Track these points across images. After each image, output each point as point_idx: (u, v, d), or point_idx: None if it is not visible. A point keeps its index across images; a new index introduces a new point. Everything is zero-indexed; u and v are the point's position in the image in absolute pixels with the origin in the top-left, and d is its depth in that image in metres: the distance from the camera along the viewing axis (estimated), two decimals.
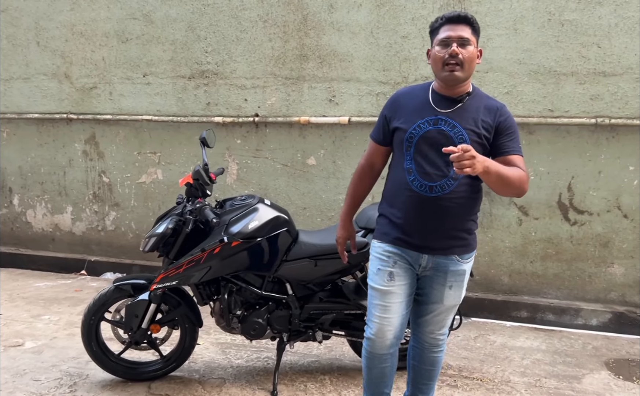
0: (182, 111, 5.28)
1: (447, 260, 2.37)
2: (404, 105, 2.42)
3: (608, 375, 3.50)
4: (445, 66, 2.26)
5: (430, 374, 2.62)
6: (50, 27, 5.54)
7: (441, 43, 2.28)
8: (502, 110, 2.34)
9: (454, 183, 2.27)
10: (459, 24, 2.27)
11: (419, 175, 2.30)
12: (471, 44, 2.26)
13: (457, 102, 2.32)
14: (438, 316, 2.48)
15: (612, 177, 4.30)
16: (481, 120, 2.29)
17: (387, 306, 2.41)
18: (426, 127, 2.30)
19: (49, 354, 3.69)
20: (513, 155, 2.28)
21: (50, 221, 5.87)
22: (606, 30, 4.19)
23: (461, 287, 2.43)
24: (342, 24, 4.75)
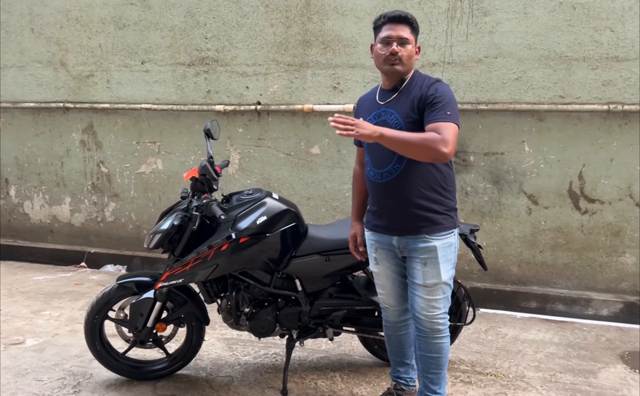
0: (181, 99, 5.15)
1: (417, 239, 2.49)
2: (361, 107, 2.71)
3: (624, 368, 3.43)
4: (386, 61, 2.46)
5: (437, 362, 2.61)
6: (44, 13, 5.39)
7: (383, 41, 2.47)
8: (433, 85, 2.42)
9: (401, 166, 2.44)
10: (399, 24, 2.45)
11: (373, 165, 2.56)
12: (410, 43, 2.46)
13: (395, 91, 2.52)
14: (424, 297, 2.52)
15: (624, 165, 4.21)
16: (415, 100, 2.42)
17: (382, 285, 2.75)
18: (372, 122, 2.49)
19: (50, 352, 3.60)
20: (434, 123, 2.33)
21: (48, 212, 5.76)
22: (619, 14, 4.07)
23: (437, 264, 2.48)
24: (346, 8, 4.62)
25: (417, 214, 2.47)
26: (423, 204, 2.47)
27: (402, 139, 2.29)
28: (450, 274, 2.54)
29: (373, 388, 3.16)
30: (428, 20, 4.43)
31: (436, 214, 2.48)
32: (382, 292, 2.77)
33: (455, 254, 2.58)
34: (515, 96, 4.34)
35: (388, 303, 2.76)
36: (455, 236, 2.57)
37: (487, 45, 4.35)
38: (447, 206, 2.52)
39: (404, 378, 2.91)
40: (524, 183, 4.42)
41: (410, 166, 2.43)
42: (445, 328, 2.58)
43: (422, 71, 4.45)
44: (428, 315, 2.53)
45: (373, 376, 3.29)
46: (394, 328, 2.82)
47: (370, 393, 3.11)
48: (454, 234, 2.56)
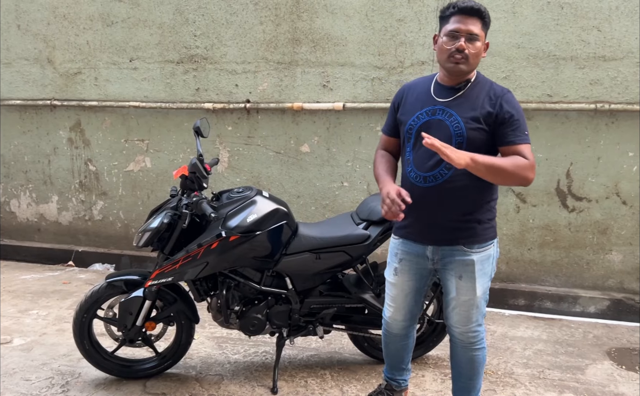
0: (170, 97, 5.12)
1: (453, 250, 2.34)
2: (408, 97, 2.44)
3: (611, 364, 3.47)
4: (450, 58, 2.23)
5: (468, 373, 2.52)
6: (31, 9, 5.33)
7: (449, 34, 2.23)
8: (504, 97, 2.25)
9: (448, 172, 2.25)
10: (470, 17, 2.21)
11: (415, 166, 2.33)
12: (479, 40, 2.23)
13: (457, 91, 2.30)
14: (458, 309, 2.40)
15: (611, 164, 4.25)
16: (480, 107, 2.23)
17: (394, 297, 2.58)
18: (424, 118, 2.31)
19: (38, 351, 3.57)
20: (516, 145, 2.20)
21: (35, 210, 5.71)
22: (606, 14, 4.11)
23: (473, 279, 2.33)
24: (335, 6, 4.61)
25: (458, 224, 2.31)
26: (466, 214, 2.30)
27: (497, 166, 2.12)
28: (485, 288, 2.39)
29: (363, 386, 3.17)
30: (417, 18, 4.44)
31: (478, 225, 2.32)
32: (391, 305, 2.60)
33: (494, 265, 2.43)
34: None
35: (394, 317, 2.62)
36: (495, 246, 2.41)
37: None
38: (491, 215, 2.37)
39: (397, 379, 2.85)
40: None
41: (459, 172, 2.21)
42: (479, 340, 2.47)
43: (410, 69, 4.53)
44: (461, 329, 2.43)
45: (363, 374, 3.30)
46: (394, 339, 2.71)
47: (361, 391, 3.12)
48: (494, 244, 2.41)
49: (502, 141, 2.23)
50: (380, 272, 3.21)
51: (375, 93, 4.61)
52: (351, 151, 4.74)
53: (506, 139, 2.21)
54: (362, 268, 3.21)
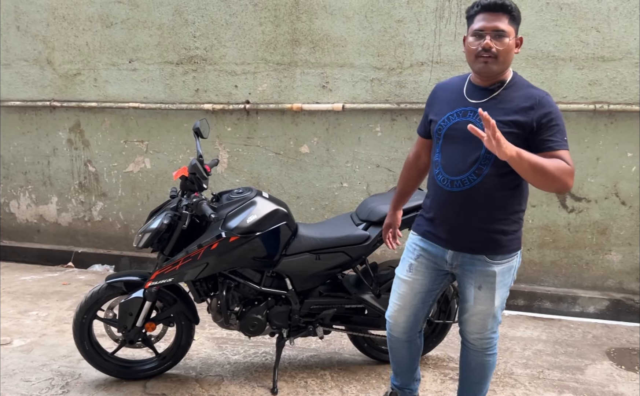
0: (170, 98, 5.12)
1: (474, 259, 2.25)
2: (440, 97, 2.36)
3: (610, 365, 3.47)
4: (478, 59, 2.13)
5: (478, 377, 2.49)
6: (30, 10, 5.33)
7: (475, 34, 2.14)
8: (542, 101, 2.11)
9: (477, 178, 2.14)
10: (495, 13, 2.10)
11: (443, 169, 2.23)
12: (507, 36, 2.10)
13: (491, 92, 2.18)
14: (475, 318, 2.34)
15: (610, 164, 4.26)
16: (514, 111, 2.10)
17: (402, 295, 2.47)
18: (455, 119, 2.21)
19: (38, 352, 3.57)
20: (555, 151, 2.05)
21: (35, 211, 5.70)
22: (605, 14, 4.12)
23: (493, 290, 2.24)
24: (335, 7, 4.62)
25: (483, 233, 2.20)
26: (492, 223, 2.19)
27: (541, 165, 1.97)
28: (503, 298, 2.32)
29: (363, 386, 3.17)
30: (417, 19, 4.45)
31: (502, 235, 2.21)
32: (397, 303, 2.49)
33: (514, 275, 2.34)
34: None
35: (397, 317, 2.51)
36: (517, 257, 2.31)
37: None
38: (517, 227, 2.25)
39: (404, 389, 2.77)
40: None
41: (488, 179, 2.13)
42: (492, 346, 2.43)
43: (410, 70, 4.54)
44: (476, 336, 2.38)
45: (363, 374, 3.31)
46: (398, 343, 2.61)
47: (360, 391, 3.12)
48: (517, 255, 2.30)
49: (540, 146, 2.07)
50: (380, 273, 3.22)
51: (374, 94, 4.62)
52: (350, 152, 4.75)
53: (545, 144, 2.06)
54: (361, 268, 3.22)
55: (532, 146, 2.09)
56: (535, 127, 2.08)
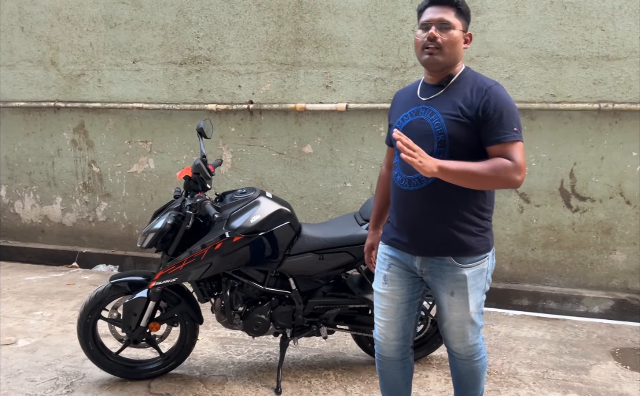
0: (173, 98, 5.13)
1: (443, 264, 2.17)
2: (398, 102, 2.35)
3: (615, 365, 3.46)
4: (424, 50, 2.11)
5: (470, 382, 2.43)
6: (34, 11, 5.35)
7: (422, 26, 2.14)
8: (489, 90, 2.07)
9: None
10: (442, 6, 2.11)
11: (401, 169, 2.20)
12: (453, 28, 2.09)
13: (440, 87, 2.17)
14: (453, 327, 2.27)
15: (615, 164, 4.24)
16: (462, 102, 2.07)
17: (384, 310, 2.34)
18: (409, 119, 2.19)
19: (43, 352, 3.58)
20: (502, 144, 2.02)
21: (39, 212, 5.72)
22: (610, 13, 4.10)
23: (466, 294, 2.17)
24: (338, 7, 4.62)
25: (446, 233, 2.13)
26: (454, 222, 2.12)
27: (470, 171, 1.96)
28: (479, 303, 2.23)
29: (367, 386, 3.17)
30: None
31: (469, 236, 2.13)
32: (382, 319, 2.35)
33: (488, 278, 2.26)
34: None
35: (386, 335, 2.35)
36: (489, 259, 2.22)
37: (478, 44, 4.37)
38: (482, 227, 2.17)
39: None
40: None
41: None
42: (478, 352, 2.34)
43: (413, 70, 4.53)
44: (458, 345, 2.32)
45: (367, 375, 3.30)
46: (388, 365, 2.42)
47: (364, 391, 3.12)
48: (488, 258, 2.21)
49: (488, 139, 2.05)
50: None
51: (378, 94, 4.61)
52: (354, 152, 4.74)
53: (493, 137, 2.03)
54: (365, 268, 3.21)
55: (482, 139, 2.07)
56: (481, 118, 2.05)
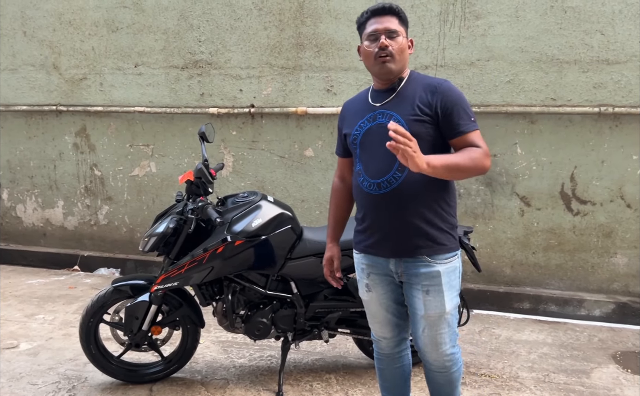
0: (175, 102, 5.15)
1: (416, 261, 2.19)
2: (349, 111, 2.40)
3: (616, 368, 3.46)
4: (377, 60, 2.18)
5: (447, 390, 2.39)
6: (37, 16, 5.37)
7: (369, 37, 2.20)
8: (441, 87, 2.18)
9: (402, 175, 2.14)
10: (384, 16, 2.19)
11: (367, 174, 2.22)
12: (399, 35, 2.18)
13: (392, 91, 2.24)
14: (428, 331, 2.24)
15: (615, 167, 4.25)
16: (418, 101, 2.16)
17: (375, 313, 2.41)
18: (366, 125, 2.24)
19: (45, 356, 3.59)
20: (466, 133, 2.13)
21: (41, 215, 5.74)
22: (610, 17, 4.12)
23: (441, 292, 2.19)
24: (339, 11, 4.64)
25: (418, 232, 2.16)
26: (425, 220, 2.16)
27: (454, 163, 2.04)
28: (454, 303, 2.25)
29: (368, 390, 3.17)
30: (421, 23, 4.46)
31: (439, 232, 2.18)
32: (374, 322, 2.43)
33: (460, 279, 2.29)
34: (507, 99, 4.38)
35: (381, 334, 2.43)
36: (459, 259, 2.28)
37: (479, 48, 4.38)
38: (450, 224, 2.23)
39: None
40: (517, 185, 4.45)
41: (412, 175, 2.11)
42: (454, 363, 2.32)
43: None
44: (433, 353, 2.28)
45: (368, 378, 3.31)
46: (388, 361, 2.49)
47: (366, 395, 3.12)
48: (458, 257, 2.27)
49: (451, 133, 2.15)
50: None
51: None
52: None
53: (455, 129, 2.14)
54: None
55: (444, 133, 2.16)
56: (440, 114, 2.14)
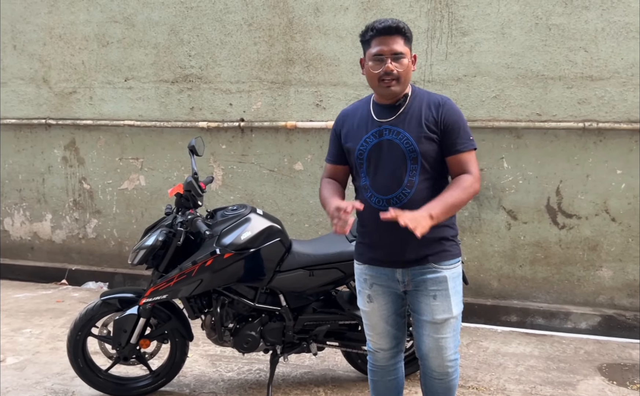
0: (165, 116, 5.16)
1: (424, 269, 2.26)
2: (350, 123, 2.38)
3: (602, 380, 3.50)
4: (381, 82, 2.19)
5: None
6: (27, 30, 5.38)
7: (374, 59, 2.19)
8: (444, 105, 2.23)
9: (411, 191, 2.19)
10: (391, 36, 2.17)
11: (375, 190, 2.25)
12: (405, 56, 2.19)
13: (398, 108, 2.25)
14: (432, 335, 2.28)
15: (600, 181, 4.31)
16: (424, 119, 2.21)
17: (374, 326, 2.44)
18: (372, 141, 2.26)
19: (31, 370, 3.56)
20: (462, 152, 2.21)
21: (29, 229, 5.71)
22: (593, 35, 4.20)
23: (447, 297, 2.25)
24: (328, 27, 4.69)
25: (425, 242, 2.17)
26: (435, 233, 2.17)
27: (452, 203, 2.12)
28: (460, 308, 2.29)
29: None
30: None
31: (445, 241, 2.26)
32: (372, 334, 2.45)
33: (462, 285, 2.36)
34: (493, 114, 4.44)
35: (379, 346, 2.45)
36: (461, 265, 2.35)
37: (466, 64, 4.45)
38: (454, 231, 2.31)
39: None
40: (503, 199, 4.50)
41: (419, 190, 2.19)
42: (454, 370, 2.36)
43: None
44: (437, 358, 2.30)
45: (356, 391, 3.32)
46: (382, 373, 2.52)
47: None
48: (460, 263, 2.33)
49: (449, 150, 2.21)
50: None
51: None
52: None
53: (453, 147, 2.20)
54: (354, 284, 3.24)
55: (443, 149, 2.23)
56: (443, 131, 2.21)
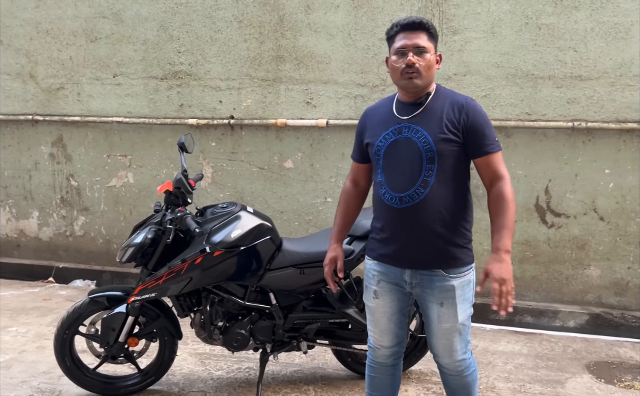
0: (154, 112, 5.12)
1: (432, 275, 2.25)
2: (371, 119, 2.41)
3: (590, 378, 3.52)
4: (403, 75, 2.22)
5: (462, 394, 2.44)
6: (13, 24, 5.32)
7: (397, 52, 2.23)
8: (468, 106, 2.22)
9: (425, 191, 2.19)
10: (414, 32, 2.21)
11: (389, 187, 2.26)
12: (428, 52, 2.21)
13: (419, 106, 2.26)
14: (442, 339, 2.30)
15: (589, 181, 4.34)
16: (445, 119, 2.20)
17: (377, 322, 2.45)
18: (391, 137, 2.27)
19: (17, 369, 3.52)
20: (491, 154, 2.21)
21: (15, 226, 5.64)
22: (582, 35, 4.22)
23: (454, 305, 2.24)
24: (319, 25, 4.68)
25: (436, 245, 2.21)
26: (444, 234, 2.20)
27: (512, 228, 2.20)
28: (467, 314, 2.30)
29: None
30: None
31: (456, 248, 2.24)
32: (374, 330, 2.47)
33: (474, 291, 2.36)
34: None
35: (380, 343, 2.47)
36: (473, 271, 2.34)
37: (456, 63, 4.46)
38: (467, 239, 2.29)
39: None
40: None
41: (434, 191, 2.18)
42: (467, 367, 2.37)
43: (393, 87, 4.54)
44: (447, 360, 2.34)
45: (346, 389, 3.31)
46: (380, 370, 2.54)
47: None
48: (472, 269, 2.33)
49: (476, 152, 2.21)
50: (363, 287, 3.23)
51: (358, 110, 4.67)
52: (334, 167, 4.78)
53: (480, 149, 2.20)
54: (345, 282, 3.24)
55: (469, 152, 2.23)
56: (465, 132, 2.20)
